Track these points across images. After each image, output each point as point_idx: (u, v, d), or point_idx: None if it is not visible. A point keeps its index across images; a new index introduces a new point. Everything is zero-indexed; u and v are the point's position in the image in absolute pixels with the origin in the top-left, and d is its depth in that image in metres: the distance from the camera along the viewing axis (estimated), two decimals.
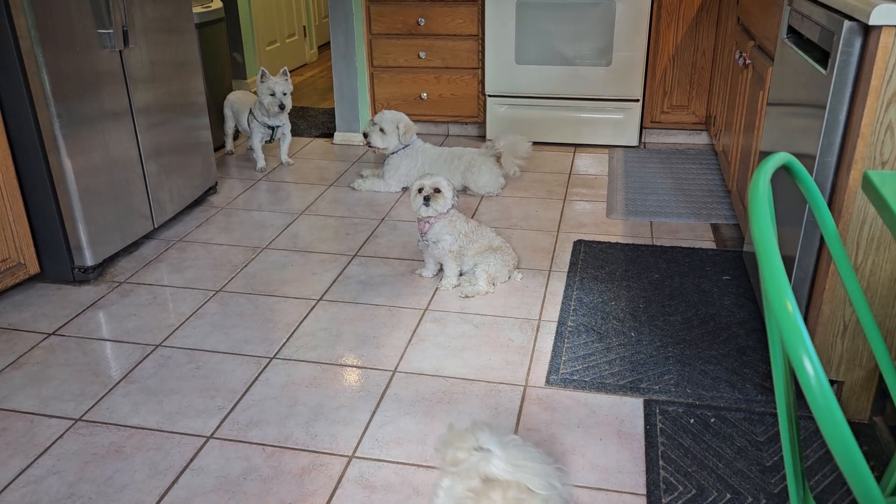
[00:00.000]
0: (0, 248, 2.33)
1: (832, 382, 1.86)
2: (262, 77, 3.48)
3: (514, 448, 1.29)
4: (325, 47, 6.75)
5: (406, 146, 3.33)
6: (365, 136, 3.33)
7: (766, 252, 0.61)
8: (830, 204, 1.74)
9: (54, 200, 2.43)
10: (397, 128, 3.29)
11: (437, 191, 2.38)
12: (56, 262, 2.51)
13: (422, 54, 3.98)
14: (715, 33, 3.70)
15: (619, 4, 3.66)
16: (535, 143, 4.05)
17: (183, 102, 2.98)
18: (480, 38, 3.90)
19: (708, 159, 3.72)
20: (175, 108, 2.93)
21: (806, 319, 1.85)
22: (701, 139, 4.01)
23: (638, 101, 3.85)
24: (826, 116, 1.66)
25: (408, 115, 3.45)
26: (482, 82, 3.98)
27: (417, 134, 3.41)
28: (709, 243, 2.80)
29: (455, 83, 4.02)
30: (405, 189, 3.36)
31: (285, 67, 3.55)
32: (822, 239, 1.80)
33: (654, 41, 3.77)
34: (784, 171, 0.86)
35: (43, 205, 2.43)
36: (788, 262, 1.89)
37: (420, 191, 2.39)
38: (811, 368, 0.54)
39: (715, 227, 2.94)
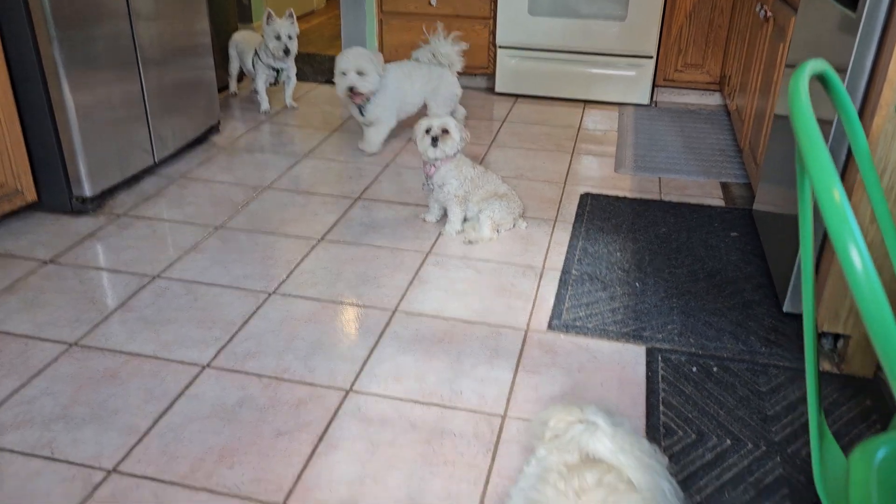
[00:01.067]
0: None
1: (838, 336, 1.83)
2: (267, 19, 3.40)
3: (623, 432, 1.14)
4: None
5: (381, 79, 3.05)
6: (351, 89, 2.93)
7: (812, 143, 0.57)
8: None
9: (53, 128, 2.37)
10: (372, 62, 2.97)
11: (445, 132, 2.32)
12: (54, 191, 2.46)
13: (433, 1, 3.88)
14: None
15: None
16: (544, 98, 3.98)
17: (187, 41, 2.90)
18: None
19: (720, 119, 3.66)
20: (179, 46, 2.85)
21: (817, 271, 1.81)
22: (713, 100, 3.94)
23: (651, 58, 3.77)
24: (853, 59, 1.61)
25: None
26: (493, 33, 3.89)
27: None
28: (718, 201, 2.75)
29: (465, 33, 3.91)
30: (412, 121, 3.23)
31: (291, 9, 3.46)
32: None
33: None
34: (818, 82, 0.82)
35: (42, 132, 2.38)
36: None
37: (428, 131, 2.33)
38: (858, 259, 0.51)
39: (724, 186, 2.89)
